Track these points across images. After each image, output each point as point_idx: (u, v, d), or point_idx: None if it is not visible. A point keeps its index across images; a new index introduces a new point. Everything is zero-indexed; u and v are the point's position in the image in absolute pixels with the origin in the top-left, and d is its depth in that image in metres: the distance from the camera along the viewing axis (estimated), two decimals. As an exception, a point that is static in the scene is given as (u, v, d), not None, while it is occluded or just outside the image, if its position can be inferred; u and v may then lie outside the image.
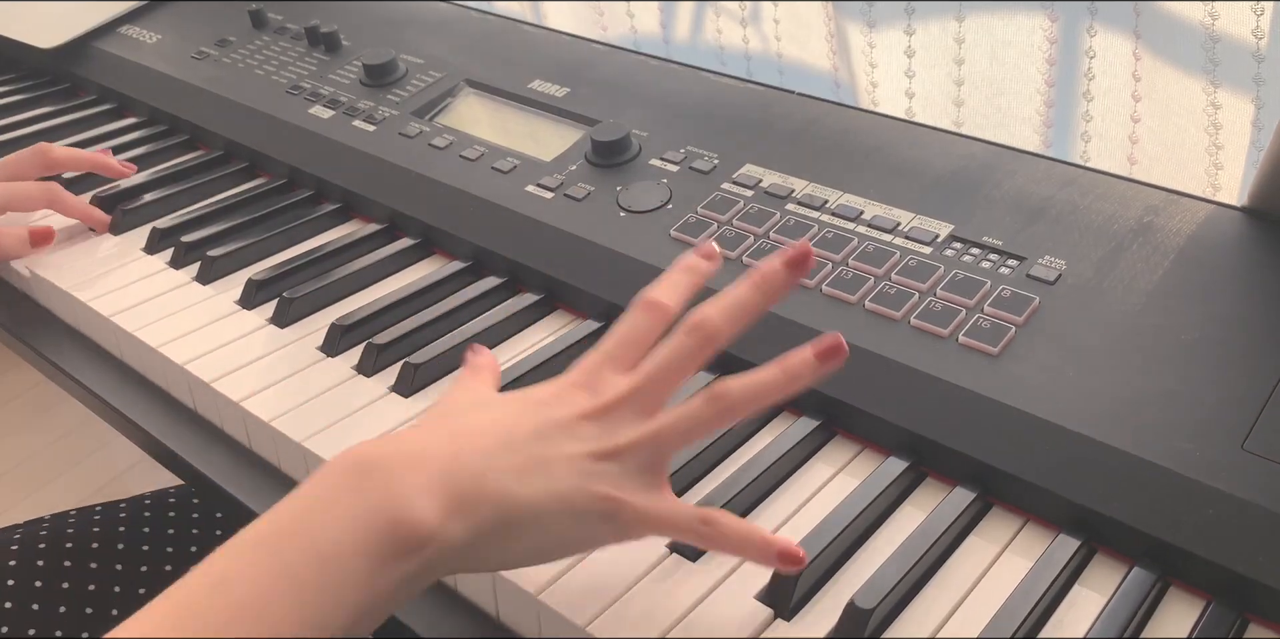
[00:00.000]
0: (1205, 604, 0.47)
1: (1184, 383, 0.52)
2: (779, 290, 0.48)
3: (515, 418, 0.45)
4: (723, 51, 1.11)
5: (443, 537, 0.40)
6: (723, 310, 0.47)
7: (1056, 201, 0.65)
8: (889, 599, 0.46)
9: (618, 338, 0.48)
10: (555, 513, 0.42)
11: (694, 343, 0.46)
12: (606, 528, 0.44)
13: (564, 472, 0.43)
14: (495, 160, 0.76)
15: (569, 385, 0.47)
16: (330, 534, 0.39)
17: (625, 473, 0.44)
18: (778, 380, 0.45)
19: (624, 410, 0.45)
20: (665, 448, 0.45)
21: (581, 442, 0.44)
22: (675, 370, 0.46)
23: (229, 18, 1.00)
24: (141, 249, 0.77)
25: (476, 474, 0.42)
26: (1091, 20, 0.84)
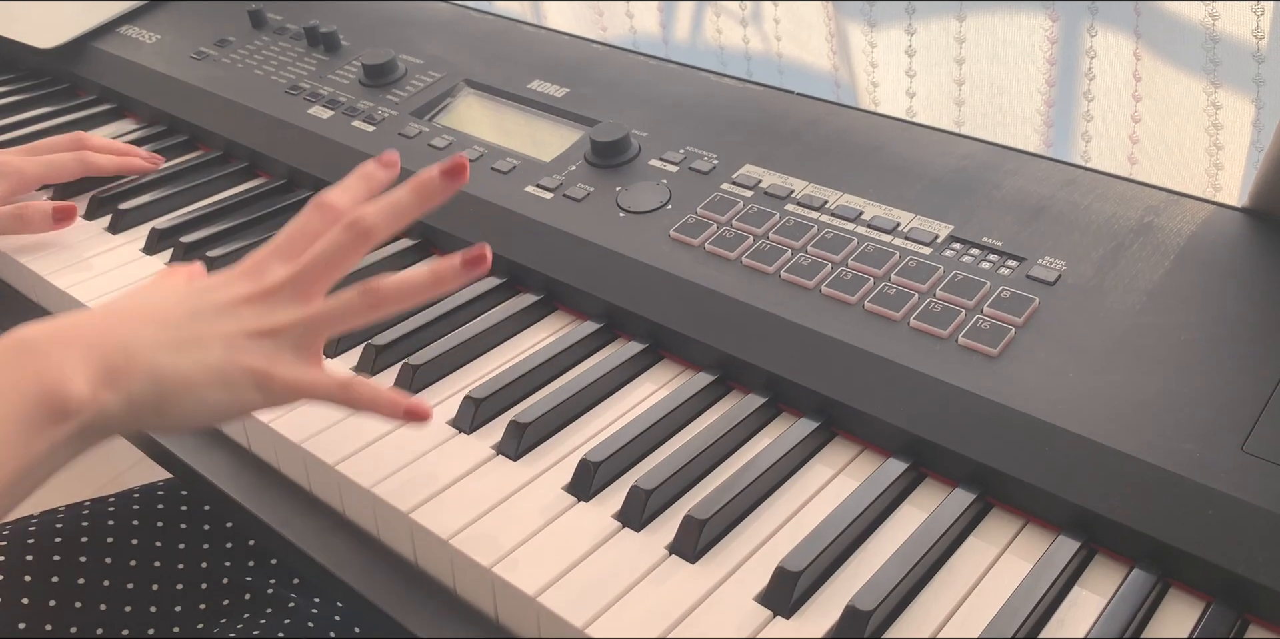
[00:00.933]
0: (1205, 605, 0.47)
1: (1184, 384, 0.52)
2: (435, 196, 0.53)
3: (175, 300, 0.50)
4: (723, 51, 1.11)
5: (95, 405, 0.45)
6: (380, 210, 0.52)
7: (1056, 202, 0.65)
8: (889, 600, 0.46)
9: (287, 233, 0.53)
10: (208, 383, 0.47)
11: (350, 237, 0.51)
12: (258, 396, 0.49)
13: (218, 347, 0.48)
14: (495, 161, 0.76)
15: (235, 274, 0.52)
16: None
17: (279, 349, 0.49)
18: (426, 281, 0.51)
19: (283, 295, 0.50)
20: (318, 330, 0.50)
21: (239, 321, 0.49)
22: (333, 261, 0.51)
23: (228, 18, 1.00)
24: (140, 249, 0.77)
25: (128, 348, 0.46)
26: (1092, 20, 0.84)
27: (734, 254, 0.64)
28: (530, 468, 0.56)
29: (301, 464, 0.58)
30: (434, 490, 0.54)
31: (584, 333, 0.64)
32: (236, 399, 0.48)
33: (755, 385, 0.59)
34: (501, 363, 0.63)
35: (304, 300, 0.51)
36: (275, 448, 0.60)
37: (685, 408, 0.59)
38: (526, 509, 0.53)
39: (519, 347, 0.65)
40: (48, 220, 0.77)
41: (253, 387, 0.48)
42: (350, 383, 0.50)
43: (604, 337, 0.65)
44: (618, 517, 0.52)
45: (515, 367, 0.62)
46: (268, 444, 0.60)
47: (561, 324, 0.67)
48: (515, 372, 0.61)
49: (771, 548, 0.51)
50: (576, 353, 0.64)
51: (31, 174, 0.79)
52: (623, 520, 0.52)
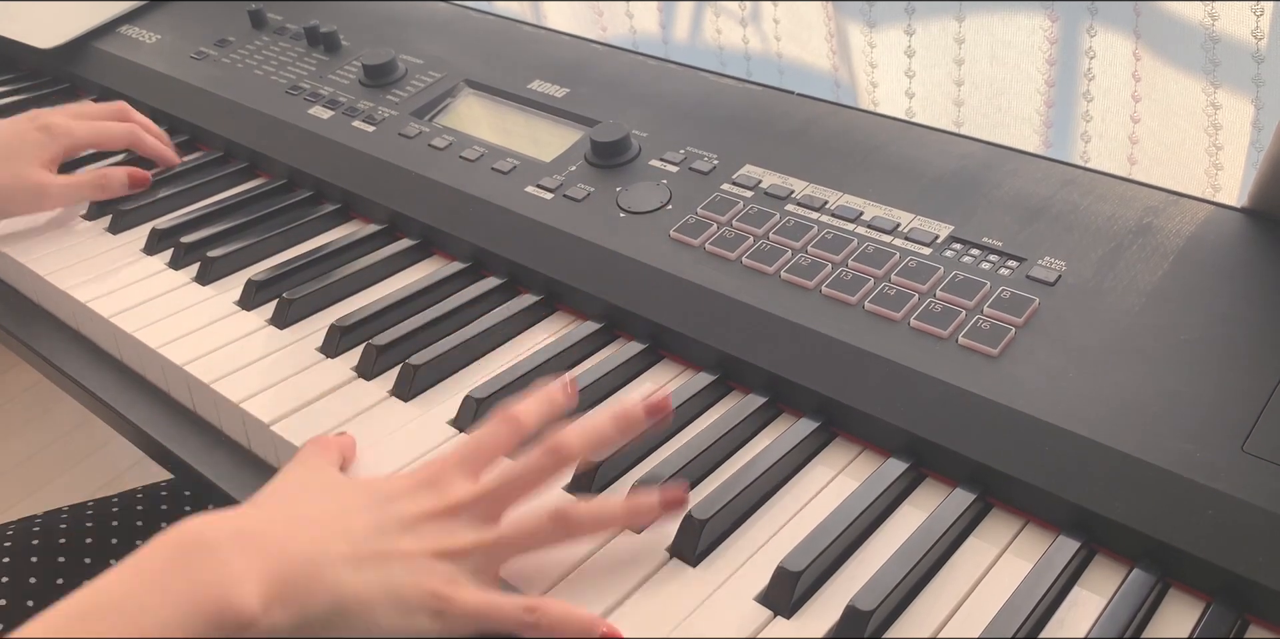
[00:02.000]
0: (1205, 605, 0.47)
1: (1184, 384, 0.52)
2: (636, 430, 0.52)
3: (357, 509, 0.47)
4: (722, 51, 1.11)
5: (266, 622, 0.41)
6: (581, 436, 0.50)
7: (1056, 202, 0.65)
8: (889, 600, 0.46)
9: (472, 445, 0.50)
10: (384, 605, 0.44)
11: (547, 462, 0.49)
12: (435, 624, 0.45)
13: (399, 567, 0.45)
14: (495, 161, 0.76)
15: (417, 483, 0.49)
16: (152, 612, 0.40)
17: (460, 573, 0.46)
18: (618, 514, 0.49)
19: (467, 514, 0.48)
20: (501, 555, 0.48)
21: (421, 540, 0.46)
22: (523, 483, 0.49)
23: (229, 18, 1.00)
24: (141, 250, 0.77)
25: (310, 562, 0.43)
26: (1091, 20, 0.84)
27: (734, 254, 0.64)
28: (531, 468, 0.56)
29: (302, 464, 0.58)
30: (435, 490, 0.54)
31: (584, 333, 0.64)
32: (409, 623, 0.44)
33: (755, 385, 0.59)
34: (502, 363, 0.64)
35: (489, 521, 0.48)
36: (275, 448, 0.60)
37: (685, 408, 0.59)
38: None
39: (519, 347, 0.65)
40: (124, 186, 0.80)
41: (428, 611, 0.45)
42: (535, 606, 0.45)
43: (604, 337, 0.65)
44: (618, 517, 0.53)
45: (516, 367, 0.62)
46: (268, 444, 0.60)
47: (562, 324, 0.67)
48: (516, 372, 0.61)
49: (772, 548, 0.51)
50: (576, 353, 0.64)
51: (82, 138, 0.80)
52: (623, 520, 0.52)
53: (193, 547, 0.42)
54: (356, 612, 0.43)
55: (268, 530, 0.44)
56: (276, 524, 0.45)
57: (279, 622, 0.41)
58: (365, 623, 0.43)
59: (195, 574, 0.41)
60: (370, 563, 0.44)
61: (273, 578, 0.42)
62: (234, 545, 0.42)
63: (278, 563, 0.42)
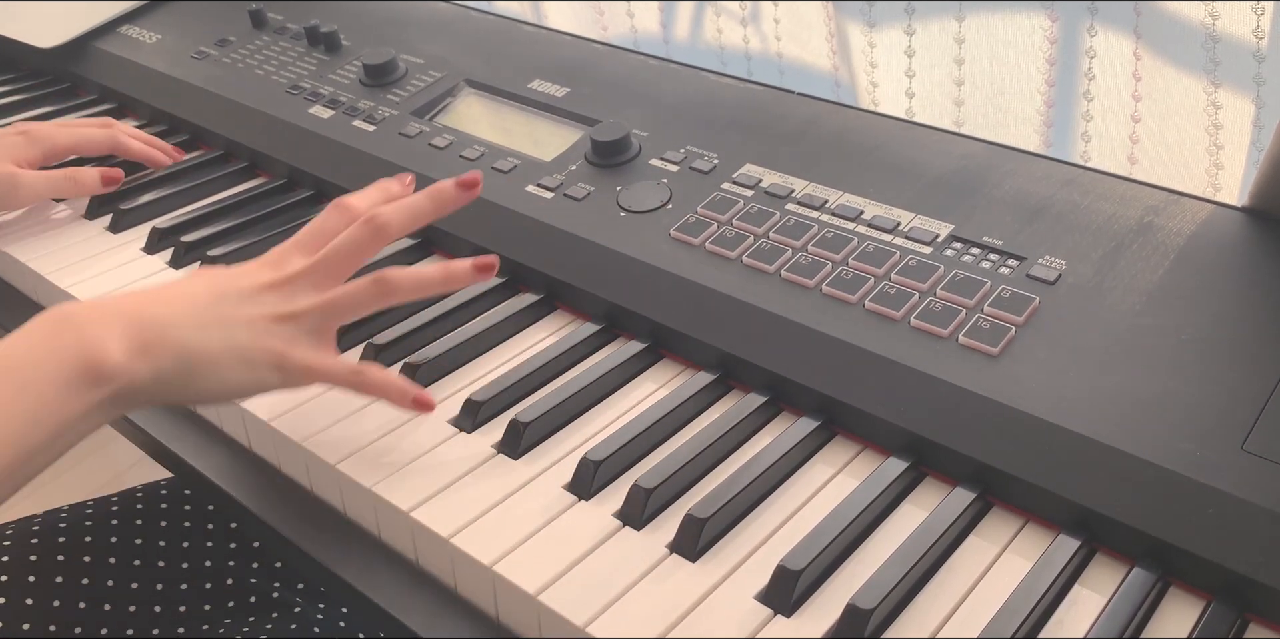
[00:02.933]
0: (1205, 604, 0.47)
1: (1184, 383, 0.52)
2: (449, 204, 0.59)
3: (203, 285, 0.54)
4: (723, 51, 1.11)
5: (128, 372, 0.49)
6: (396, 209, 0.57)
7: (1056, 201, 0.65)
8: (889, 599, 0.46)
9: (308, 230, 0.58)
10: (230, 361, 0.52)
11: (368, 232, 0.56)
12: (275, 377, 0.53)
13: (241, 329, 0.52)
14: (495, 160, 0.76)
15: (259, 264, 0.56)
16: (29, 368, 0.48)
17: (297, 333, 0.54)
18: (436, 277, 0.56)
19: (302, 283, 0.55)
20: (334, 316, 0.55)
21: (261, 306, 0.54)
22: (350, 254, 0.56)
23: (229, 18, 1.00)
24: (141, 249, 0.77)
25: (159, 324, 0.51)
26: (1092, 20, 0.84)
27: (734, 253, 0.64)
28: (531, 467, 0.56)
29: (303, 463, 0.58)
30: (435, 489, 0.54)
31: (584, 333, 0.64)
32: (255, 377, 0.52)
33: (756, 384, 0.59)
34: (502, 363, 0.64)
35: (322, 289, 0.55)
36: (276, 447, 0.60)
37: (686, 407, 0.59)
38: (527, 508, 0.53)
39: (519, 346, 0.65)
40: (97, 184, 0.80)
41: (271, 367, 0.53)
42: (362, 369, 0.54)
43: (604, 336, 0.65)
44: (618, 515, 0.53)
45: (516, 367, 0.62)
46: (268, 443, 0.60)
47: (562, 324, 0.67)
48: (516, 371, 0.61)
49: (772, 547, 0.51)
50: (577, 352, 0.64)
51: (62, 143, 0.81)
52: (623, 519, 0.52)
53: (58, 320, 0.50)
54: (205, 366, 0.51)
55: (124, 303, 0.52)
56: (130, 299, 0.53)
57: (139, 374, 0.49)
58: (216, 376, 0.52)
59: (62, 338, 0.49)
60: (213, 326, 0.52)
61: (128, 337, 0.50)
62: (94, 316, 0.50)
63: (131, 326, 0.50)
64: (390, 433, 0.58)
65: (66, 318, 0.50)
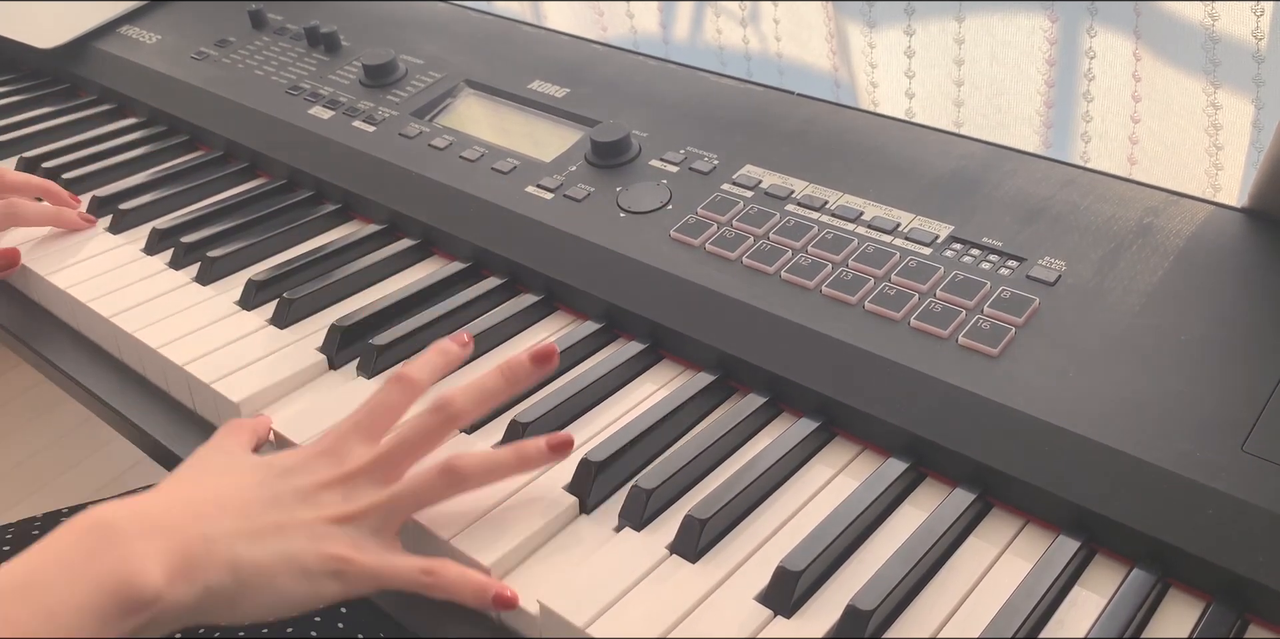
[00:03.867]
0: (1205, 605, 0.47)
1: (1184, 384, 0.52)
2: (523, 381, 0.54)
3: (255, 486, 0.49)
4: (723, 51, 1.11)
5: (169, 598, 0.43)
6: (467, 393, 0.52)
7: (1056, 202, 0.65)
8: (889, 600, 0.46)
9: (368, 408, 0.52)
10: (286, 574, 0.46)
11: (437, 421, 0.51)
12: (335, 585, 0.47)
13: (299, 536, 0.47)
14: (495, 161, 0.76)
15: (316, 453, 0.51)
16: (60, 592, 0.42)
17: (360, 535, 0.48)
18: (509, 462, 0.51)
19: (364, 478, 0.50)
20: (398, 513, 0.50)
21: (319, 509, 0.48)
22: (416, 444, 0.51)
23: (229, 18, 1.00)
24: (141, 250, 0.77)
25: (207, 539, 0.45)
26: (1091, 20, 0.84)
27: (734, 254, 0.64)
28: (531, 468, 0.56)
29: (302, 464, 0.58)
30: (435, 490, 0.54)
31: (584, 333, 0.64)
32: (313, 589, 0.47)
33: (756, 385, 0.59)
34: (502, 363, 0.63)
35: (385, 483, 0.50)
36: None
37: (686, 408, 0.59)
38: (527, 509, 0.53)
39: (519, 347, 0.65)
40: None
41: (330, 575, 0.47)
42: (434, 568, 0.48)
43: (604, 337, 0.65)
44: (619, 516, 0.52)
45: (516, 367, 0.62)
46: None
47: (562, 324, 0.67)
48: (516, 372, 0.61)
49: (772, 547, 0.51)
50: (576, 353, 0.64)
51: None
52: (624, 520, 0.52)
53: (96, 530, 0.44)
54: (257, 582, 0.45)
55: (167, 512, 0.46)
56: (175, 506, 0.47)
57: (183, 597, 0.43)
58: (269, 592, 0.46)
59: (99, 555, 0.43)
60: (266, 536, 0.46)
61: (172, 556, 0.44)
62: (135, 528, 0.44)
63: (176, 542, 0.44)
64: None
65: (102, 529, 0.44)
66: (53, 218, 0.78)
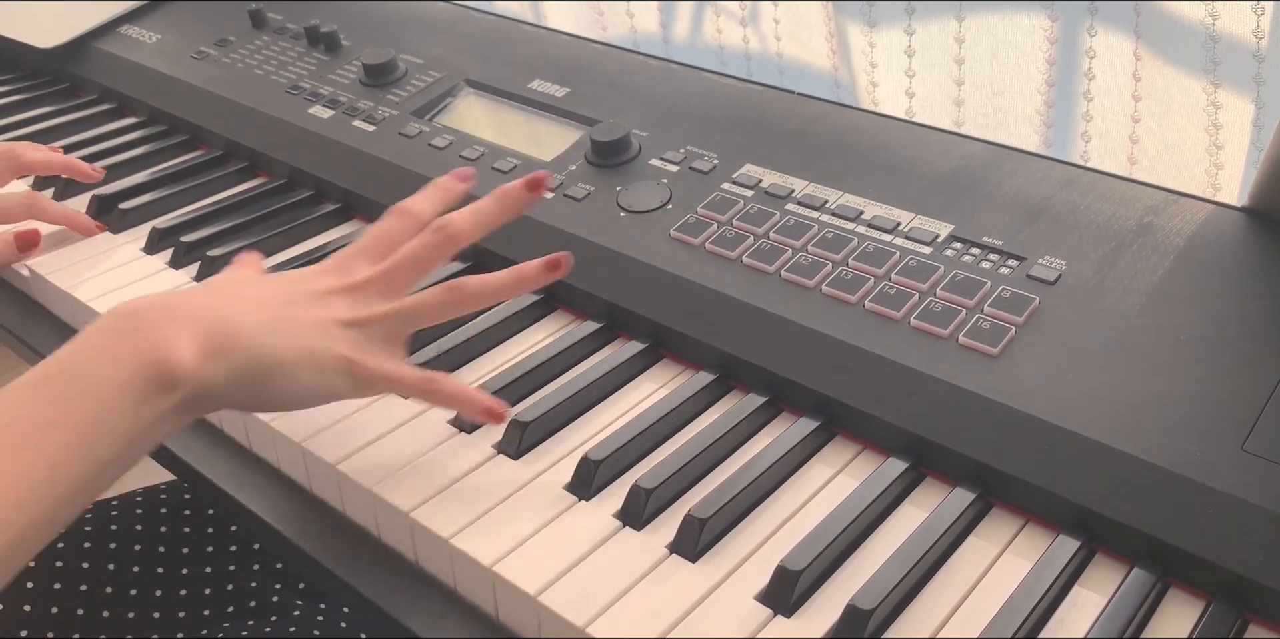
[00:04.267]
0: (1205, 605, 0.47)
1: (1184, 383, 0.52)
2: (516, 206, 0.57)
3: (272, 287, 0.53)
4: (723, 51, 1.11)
5: (200, 376, 0.47)
6: (465, 216, 0.56)
7: (1056, 202, 0.65)
8: (889, 600, 0.46)
9: (371, 235, 0.56)
10: (302, 365, 0.49)
11: (438, 240, 0.55)
12: (346, 383, 0.51)
13: (312, 332, 0.50)
14: (495, 160, 0.76)
15: (324, 268, 0.55)
16: (101, 373, 0.45)
17: (368, 340, 0.52)
18: (507, 282, 0.55)
19: (371, 290, 0.53)
20: (404, 323, 0.53)
21: (330, 310, 0.52)
22: (419, 261, 0.54)
23: (229, 18, 1.00)
24: (141, 249, 0.77)
25: (231, 325, 0.48)
26: (1092, 20, 0.84)
27: (734, 254, 0.64)
28: (531, 467, 0.56)
29: (302, 463, 0.58)
30: (435, 489, 0.54)
31: (584, 333, 0.64)
32: (326, 383, 0.50)
33: (755, 385, 0.59)
34: (502, 363, 0.64)
35: (390, 297, 0.54)
36: (276, 447, 0.60)
37: (685, 407, 0.59)
38: (527, 508, 0.53)
39: (519, 346, 0.65)
40: (11, 249, 0.75)
41: (342, 373, 0.50)
42: (434, 377, 0.52)
43: (604, 336, 0.65)
44: (618, 516, 0.52)
45: (516, 366, 0.62)
46: (268, 443, 0.60)
47: (561, 324, 0.67)
48: (516, 371, 0.61)
49: (772, 547, 0.51)
50: (576, 353, 0.64)
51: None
52: (623, 519, 0.52)
53: (127, 318, 0.48)
54: (278, 368, 0.49)
55: (192, 303, 0.50)
56: (197, 299, 0.51)
57: (212, 374, 0.47)
58: (290, 379, 0.49)
59: (135, 337, 0.47)
60: (284, 329, 0.50)
61: (202, 337, 0.47)
62: (168, 315, 0.48)
63: (206, 326, 0.48)
64: (390, 433, 0.58)
65: (135, 316, 0.48)
66: (71, 219, 0.78)
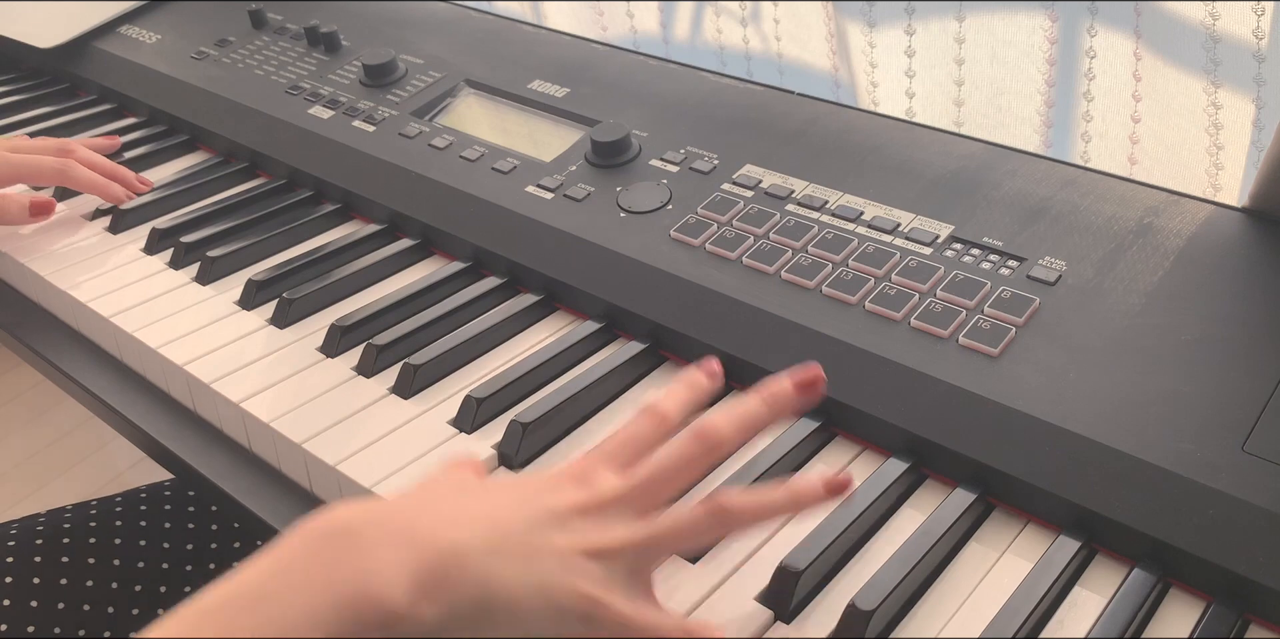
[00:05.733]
0: (1206, 605, 0.47)
1: (1184, 384, 0.52)
2: (787, 408, 0.48)
3: (506, 504, 0.44)
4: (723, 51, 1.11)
5: (412, 618, 0.38)
6: (730, 420, 0.47)
7: (1056, 202, 0.65)
8: (890, 601, 0.46)
9: (618, 439, 0.47)
10: (534, 606, 0.40)
11: (699, 449, 0.46)
12: (584, 629, 0.41)
13: (551, 564, 0.41)
14: (495, 161, 0.76)
15: (565, 478, 0.46)
16: (293, 606, 0.37)
17: (613, 574, 0.42)
18: (780, 501, 0.45)
19: (619, 508, 0.44)
20: (657, 552, 0.44)
21: (573, 534, 0.43)
22: (676, 473, 0.45)
23: (229, 18, 1.00)
24: (141, 249, 0.77)
25: (459, 553, 0.40)
26: (1092, 20, 0.84)
27: (734, 254, 0.64)
28: (531, 468, 0.56)
29: (302, 464, 0.58)
30: (435, 490, 0.54)
31: (584, 333, 0.64)
32: (558, 627, 0.41)
33: (756, 385, 0.59)
34: (501, 363, 0.64)
35: (642, 515, 0.45)
36: (276, 447, 0.60)
37: (686, 408, 0.59)
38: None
39: (519, 346, 0.65)
40: (24, 213, 0.76)
41: (579, 615, 0.41)
42: (693, 628, 0.43)
43: (604, 336, 0.65)
44: (618, 517, 0.52)
45: (515, 367, 0.62)
46: (268, 444, 0.60)
47: (562, 324, 0.67)
48: (515, 372, 0.61)
49: (772, 548, 0.51)
50: (577, 353, 0.64)
51: (6, 171, 0.77)
52: (623, 520, 0.52)
53: (337, 535, 0.39)
54: (505, 608, 0.40)
55: (416, 521, 0.41)
56: (425, 515, 0.42)
57: (426, 618, 0.38)
58: (512, 623, 0.40)
59: (339, 563, 0.38)
60: (520, 556, 0.41)
61: (420, 569, 0.39)
62: (380, 534, 0.39)
63: (426, 553, 0.39)
64: (390, 434, 0.58)
65: (344, 532, 0.39)
66: (100, 187, 0.79)
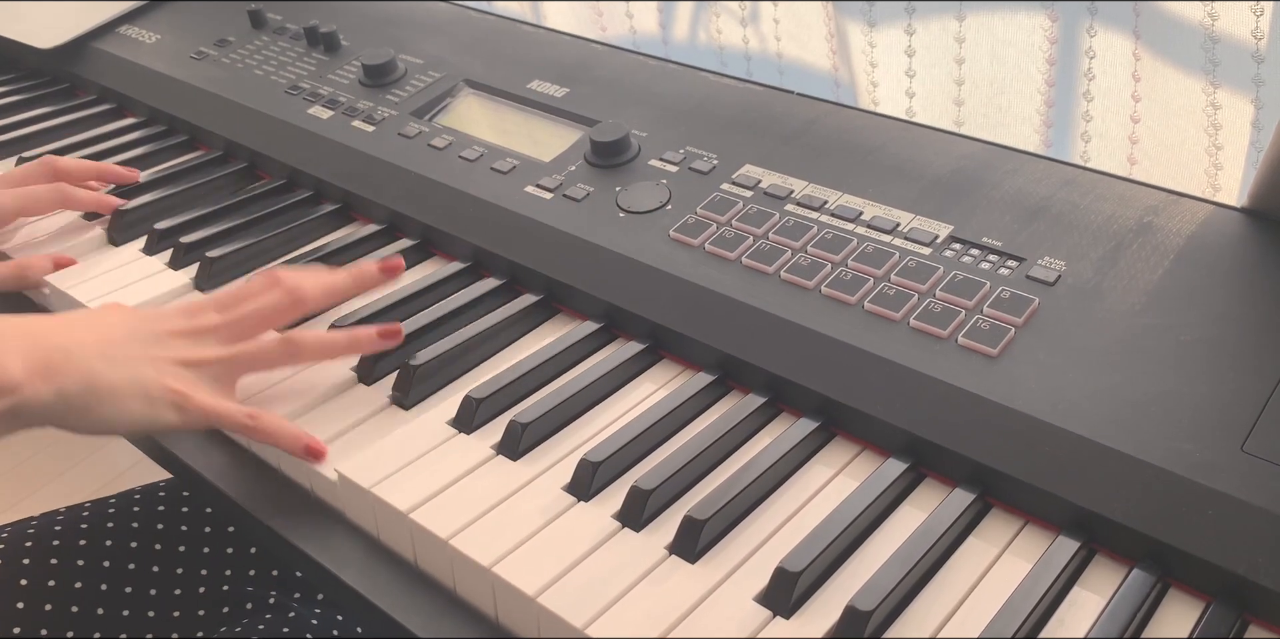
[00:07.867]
0: (1205, 606, 0.47)
1: (1184, 384, 0.52)
2: (369, 284, 0.64)
3: (117, 322, 0.57)
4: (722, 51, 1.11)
5: (26, 391, 0.50)
6: (318, 285, 0.61)
7: (1056, 202, 0.65)
8: (889, 600, 0.46)
9: (228, 291, 0.61)
10: (132, 395, 0.53)
11: (284, 301, 0.60)
12: (174, 414, 0.55)
13: (146, 367, 0.55)
14: (494, 161, 0.76)
15: (174, 311, 0.59)
16: None
17: (199, 378, 0.57)
18: (340, 341, 0.59)
19: (212, 336, 0.58)
20: (237, 368, 0.58)
21: (168, 349, 0.56)
22: (262, 317, 0.59)
23: (228, 18, 1.00)
24: (140, 249, 0.77)
25: (67, 350, 0.53)
26: (1091, 20, 0.84)
27: (734, 254, 0.64)
28: (530, 468, 0.56)
29: (301, 465, 0.58)
30: (434, 490, 0.54)
31: (584, 333, 0.64)
32: (153, 413, 0.54)
33: (755, 385, 0.59)
34: (502, 363, 0.63)
35: (229, 344, 0.58)
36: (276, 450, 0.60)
37: (685, 408, 0.59)
38: (526, 509, 0.53)
39: (518, 347, 0.65)
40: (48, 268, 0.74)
41: (170, 405, 0.54)
42: (256, 414, 0.56)
43: (604, 337, 0.65)
44: (617, 517, 0.52)
45: (515, 367, 0.62)
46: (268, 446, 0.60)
47: (562, 324, 0.67)
48: (515, 372, 0.61)
49: (771, 548, 0.51)
50: (576, 353, 0.64)
51: (8, 207, 0.75)
52: (622, 521, 0.52)
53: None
54: (108, 396, 0.53)
55: (42, 328, 0.54)
56: (43, 322, 0.55)
57: (41, 393, 0.51)
58: (117, 406, 0.53)
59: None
60: (120, 360, 0.54)
61: (33, 357, 0.51)
62: (15, 334, 0.52)
63: (39, 348, 0.52)
64: (389, 434, 0.58)
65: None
66: (99, 204, 0.79)
